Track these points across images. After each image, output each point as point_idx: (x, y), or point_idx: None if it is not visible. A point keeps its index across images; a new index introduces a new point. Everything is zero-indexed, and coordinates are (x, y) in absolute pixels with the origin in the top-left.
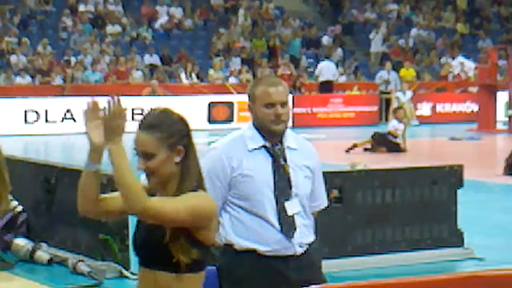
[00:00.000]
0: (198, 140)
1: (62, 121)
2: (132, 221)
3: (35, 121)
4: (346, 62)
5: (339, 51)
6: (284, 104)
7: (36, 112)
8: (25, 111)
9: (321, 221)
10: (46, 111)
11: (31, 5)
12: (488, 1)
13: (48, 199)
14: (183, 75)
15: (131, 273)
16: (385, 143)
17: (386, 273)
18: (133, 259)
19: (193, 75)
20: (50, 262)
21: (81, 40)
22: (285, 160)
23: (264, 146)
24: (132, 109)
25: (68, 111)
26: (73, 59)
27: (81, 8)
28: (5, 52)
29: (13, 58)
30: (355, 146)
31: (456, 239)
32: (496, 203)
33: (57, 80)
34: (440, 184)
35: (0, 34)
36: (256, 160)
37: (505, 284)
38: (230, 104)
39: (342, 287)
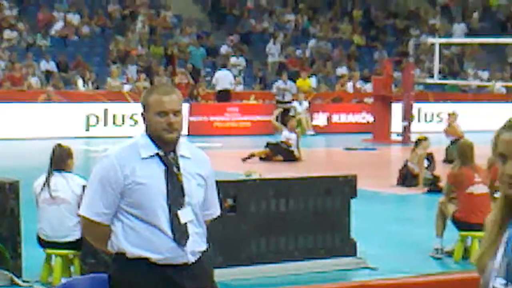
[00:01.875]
0: (96, 147)
1: None
2: (24, 228)
3: None
4: (244, 72)
5: (239, 60)
6: (177, 112)
7: None
8: None
9: (215, 229)
10: None
11: None
12: (383, 14)
13: None
14: (80, 82)
15: (23, 281)
16: (280, 152)
17: (280, 282)
18: (25, 266)
19: (90, 82)
20: None
21: None
22: (178, 169)
23: (157, 154)
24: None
25: None
26: None
27: None
28: None
29: None
30: (252, 155)
31: (349, 249)
32: (389, 213)
33: None
34: (334, 193)
35: None
36: (149, 168)
37: None
38: (126, 111)
39: None
